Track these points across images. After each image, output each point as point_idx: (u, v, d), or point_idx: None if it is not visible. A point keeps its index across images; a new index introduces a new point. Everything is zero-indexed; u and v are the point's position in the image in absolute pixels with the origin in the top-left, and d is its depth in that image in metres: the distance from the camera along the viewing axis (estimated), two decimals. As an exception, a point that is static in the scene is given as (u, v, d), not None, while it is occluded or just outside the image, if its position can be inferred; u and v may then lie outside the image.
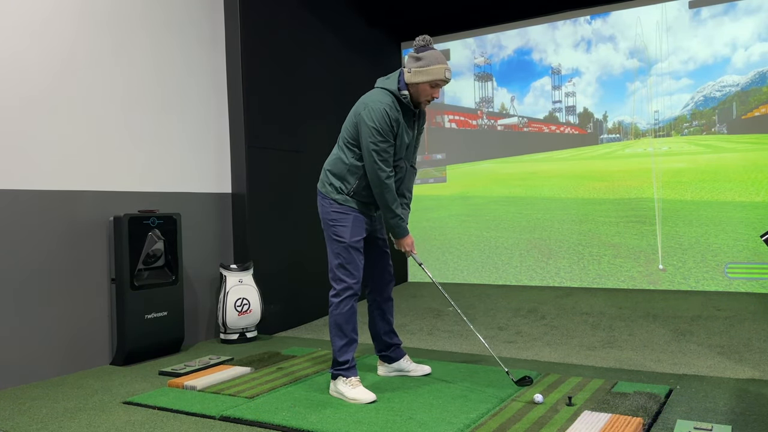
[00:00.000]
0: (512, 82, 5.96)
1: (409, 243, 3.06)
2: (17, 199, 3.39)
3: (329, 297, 2.94)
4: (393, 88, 2.88)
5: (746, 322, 4.02)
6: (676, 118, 5.22)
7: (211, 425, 2.62)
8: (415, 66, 2.84)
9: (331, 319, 2.94)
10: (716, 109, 5.07)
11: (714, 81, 5.08)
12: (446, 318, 4.75)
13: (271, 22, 4.79)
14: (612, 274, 5.41)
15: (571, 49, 5.65)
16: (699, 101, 5.14)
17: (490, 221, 6.04)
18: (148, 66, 4.09)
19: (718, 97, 5.06)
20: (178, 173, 4.29)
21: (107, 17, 3.85)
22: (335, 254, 2.94)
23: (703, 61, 5.09)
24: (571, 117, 5.70)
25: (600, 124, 5.57)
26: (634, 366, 3.33)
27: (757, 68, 4.91)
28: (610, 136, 5.50)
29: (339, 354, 2.92)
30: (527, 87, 5.89)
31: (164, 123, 4.20)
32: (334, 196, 2.97)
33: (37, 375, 3.44)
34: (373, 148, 2.81)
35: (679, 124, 5.22)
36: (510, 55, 5.96)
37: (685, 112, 5.19)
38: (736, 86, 5.00)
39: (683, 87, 5.17)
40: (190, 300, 4.31)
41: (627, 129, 5.43)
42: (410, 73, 2.84)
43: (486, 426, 2.44)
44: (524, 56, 5.88)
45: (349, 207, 2.96)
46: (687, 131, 5.19)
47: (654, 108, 5.30)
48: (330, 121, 5.25)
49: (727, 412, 2.56)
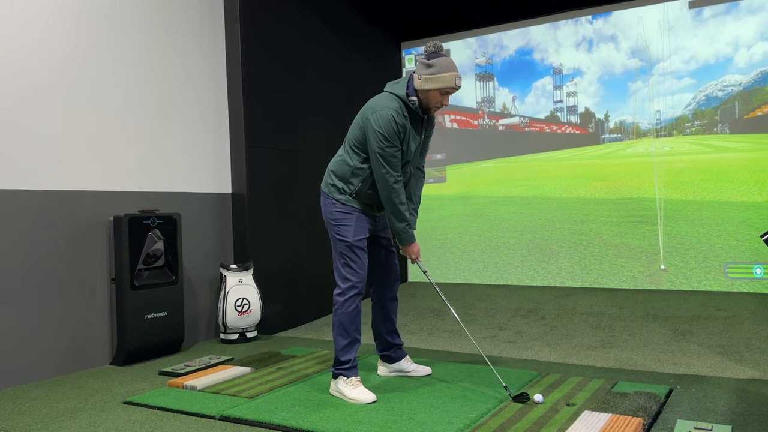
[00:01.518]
0: (513, 82, 5.95)
1: (415, 251, 3.04)
2: (17, 199, 3.39)
3: (334, 296, 2.95)
4: (402, 93, 2.87)
5: (746, 322, 4.01)
6: (677, 117, 5.21)
7: (211, 425, 2.62)
8: (425, 73, 2.82)
9: (335, 318, 2.94)
10: (718, 108, 5.06)
11: (716, 80, 5.07)
12: (446, 318, 4.75)
13: (272, 22, 4.79)
14: (613, 274, 5.41)
15: (572, 49, 5.65)
16: (701, 101, 5.13)
17: (491, 221, 6.04)
18: (148, 66, 4.09)
19: (720, 96, 5.05)
20: (178, 173, 4.29)
21: (108, 17, 3.85)
22: (339, 254, 2.95)
23: (705, 60, 5.09)
24: (572, 117, 5.69)
25: (601, 124, 5.56)
26: (634, 366, 3.33)
27: (760, 68, 4.89)
28: (612, 135, 5.49)
29: (341, 353, 2.92)
30: (528, 87, 5.88)
31: (164, 123, 4.20)
32: (336, 196, 2.97)
33: (37, 375, 3.44)
34: (380, 153, 2.81)
35: (680, 124, 5.21)
36: (511, 55, 5.95)
37: (687, 111, 5.18)
38: (738, 86, 4.99)
39: (685, 87, 5.16)
40: (190, 300, 4.31)
41: (629, 129, 5.43)
42: (420, 79, 2.83)
43: (486, 426, 2.44)
44: (525, 56, 5.88)
45: (351, 207, 2.96)
46: (689, 131, 5.18)
47: (656, 108, 5.30)
48: (330, 121, 5.25)
49: (727, 412, 2.55)
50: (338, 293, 2.93)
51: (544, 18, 5.76)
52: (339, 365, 2.93)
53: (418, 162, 3.12)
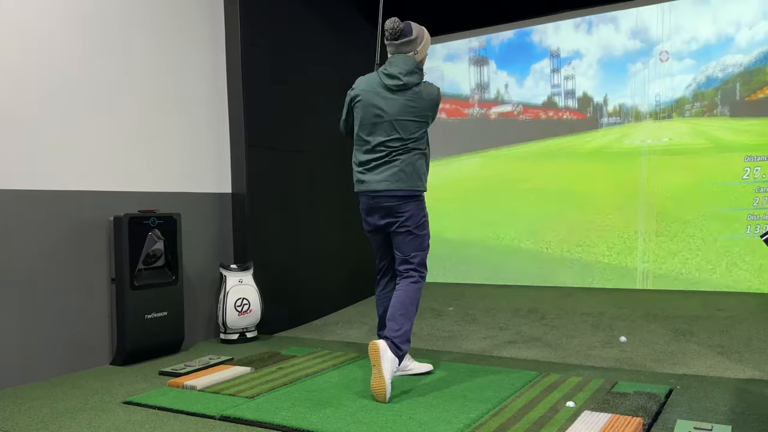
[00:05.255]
0: (510, 65, 5.84)
1: None
2: (17, 199, 3.39)
3: (419, 279, 3.22)
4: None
5: (746, 322, 4.02)
6: (677, 99, 5.11)
7: (211, 425, 2.62)
8: (420, 46, 3.18)
9: (417, 301, 3.19)
10: (719, 90, 4.96)
11: (716, 61, 4.99)
12: (446, 318, 4.75)
13: (272, 22, 4.79)
14: (613, 274, 5.41)
15: (571, 31, 5.57)
16: (701, 82, 5.04)
17: (491, 220, 6.03)
18: (148, 65, 4.09)
19: (721, 77, 4.95)
20: (178, 173, 4.29)
21: (108, 16, 3.85)
22: (428, 244, 3.23)
23: (706, 40, 4.99)
24: (570, 101, 5.62)
25: (600, 108, 5.45)
26: (634, 366, 3.33)
27: (762, 47, 4.79)
28: (611, 119, 5.41)
29: (410, 333, 3.07)
30: (527, 70, 5.76)
31: (164, 123, 4.20)
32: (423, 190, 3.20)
33: (37, 375, 3.44)
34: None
35: (680, 107, 5.11)
36: (510, 38, 5.83)
37: (687, 93, 5.09)
38: (739, 66, 4.91)
39: (685, 68, 5.05)
40: (190, 300, 4.31)
41: (628, 112, 5.34)
42: (418, 53, 3.18)
43: (486, 426, 2.44)
44: (524, 38, 5.78)
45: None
46: (689, 113, 5.09)
47: (655, 90, 5.19)
48: (330, 121, 5.24)
49: (727, 412, 2.55)
50: (423, 276, 3.21)
51: (544, 18, 5.74)
52: (408, 345, 3.01)
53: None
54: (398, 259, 3.18)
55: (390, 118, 3.07)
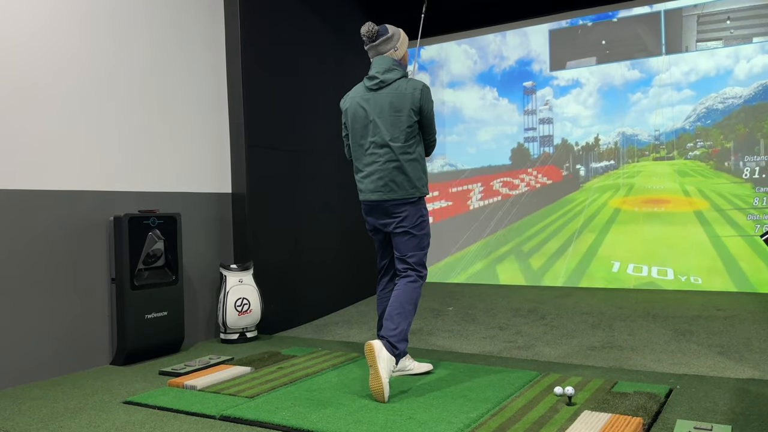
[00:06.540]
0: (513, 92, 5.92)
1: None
2: (17, 199, 3.39)
3: (417, 278, 3.18)
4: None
5: (746, 322, 4.02)
6: (678, 133, 5.14)
7: (211, 425, 2.62)
8: (398, 43, 3.19)
9: (415, 300, 3.11)
10: (722, 130, 4.95)
11: (716, 93, 5.02)
12: (446, 318, 4.75)
13: (272, 21, 4.79)
14: (613, 274, 5.41)
15: (570, 60, 5.62)
16: (701, 113, 5.08)
17: (490, 220, 6.03)
18: (148, 65, 4.09)
19: (721, 109, 5.00)
20: (178, 173, 4.29)
21: (107, 16, 3.85)
22: (427, 244, 3.24)
23: (705, 72, 5.04)
24: (547, 148, 5.62)
25: (584, 157, 5.50)
26: (634, 366, 3.33)
27: (760, 80, 4.85)
28: (600, 165, 5.44)
29: (408, 333, 3.07)
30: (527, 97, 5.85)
31: (164, 122, 4.20)
32: (424, 192, 3.22)
33: (37, 375, 3.44)
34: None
35: (682, 144, 5.12)
36: (512, 65, 5.91)
37: (687, 124, 5.12)
38: (738, 98, 4.95)
39: (685, 98, 5.11)
40: (190, 300, 4.31)
41: (622, 151, 5.34)
42: (397, 50, 3.18)
43: (486, 426, 2.44)
44: (524, 67, 5.85)
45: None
46: (692, 154, 5.10)
47: (655, 120, 5.22)
48: (330, 121, 5.25)
49: (727, 412, 2.56)
50: (422, 276, 3.17)
51: (544, 18, 5.75)
52: (405, 344, 3.00)
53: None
54: (397, 259, 3.19)
55: (373, 117, 3.10)
